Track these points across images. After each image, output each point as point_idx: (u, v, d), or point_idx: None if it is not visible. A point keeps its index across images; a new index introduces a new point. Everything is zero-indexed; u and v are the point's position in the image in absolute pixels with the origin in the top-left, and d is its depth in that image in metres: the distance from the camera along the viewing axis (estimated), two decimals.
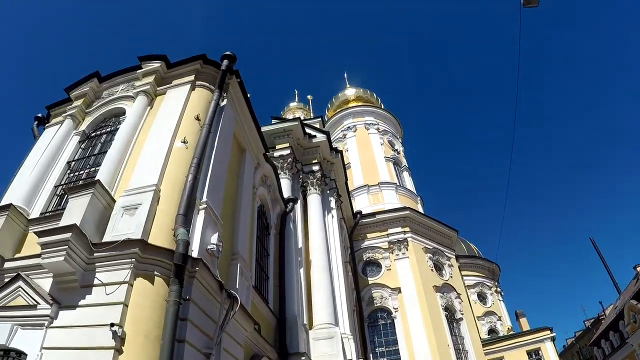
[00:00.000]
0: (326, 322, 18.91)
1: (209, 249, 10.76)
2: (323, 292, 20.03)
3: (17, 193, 12.55)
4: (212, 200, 11.79)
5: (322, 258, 21.42)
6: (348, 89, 57.04)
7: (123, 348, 8.03)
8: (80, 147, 14.21)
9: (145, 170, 11.36)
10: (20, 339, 8.89)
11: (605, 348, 56.91)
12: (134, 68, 15.07)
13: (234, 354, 11.02)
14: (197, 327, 9.43)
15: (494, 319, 46.22)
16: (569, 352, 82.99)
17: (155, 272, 9.29)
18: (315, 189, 24.67)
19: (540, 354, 37.94)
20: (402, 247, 34.76)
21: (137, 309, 8.63)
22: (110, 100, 15.05)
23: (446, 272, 36.13)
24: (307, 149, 26.36)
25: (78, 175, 13.21)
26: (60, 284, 9.20)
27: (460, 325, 33.58)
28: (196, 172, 11.40)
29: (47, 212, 12.06)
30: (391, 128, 50.60)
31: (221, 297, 10.45)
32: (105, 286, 8.85)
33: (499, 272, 52.07)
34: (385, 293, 32.74)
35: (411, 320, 30.84)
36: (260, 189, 17.66)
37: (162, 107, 13.65)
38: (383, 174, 43.06)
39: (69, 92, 15.76)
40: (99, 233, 10.00)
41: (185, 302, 9.13)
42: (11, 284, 9.68)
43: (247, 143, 16.51)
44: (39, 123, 16.31)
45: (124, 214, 10.24)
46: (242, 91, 15.55)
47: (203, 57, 14.60)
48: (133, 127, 13.15)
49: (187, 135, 12.38)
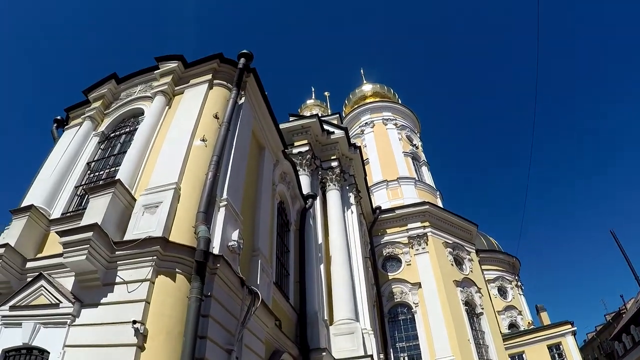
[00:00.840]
0: (347, 318, 18.93)
1: (229, 246, 10.80)
2: (343, 288, 20.05)
3: (38, 194, 12.65)
4: (232, 197, 11.84)
5: (342, 254, 21.44)
6: (365, 84, 56.79)
7: (145, 345, 8.10)
8: (100, 147, 14.30)
9: (165, 169, 11.41)
10: (43, 337, 9.00)
11: (626, 342, 56.44)
12: (151, 69, 15.13)
13: (256, 350, 11.09)
14: (218, 324, 9.48)
15: (514, 314, 45.94)
16: (590, 347, 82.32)
17: (177, 270, 9.33)
18: (334, 185, 24.68)
19: (561, 349, 37.58)
20: (421, 242, 34.70)
21: (159, 306, 8.68)
22: (128, 101, 15.11)
23: (466, 267, 36.03)
24: (325, 145, 26.36)
25: (98, 175, 13.29)
26: (82, 283, 9.31)
27: (481, 320, 33.45)
28: (216, 170, 11.44)
29: (68, 213, 12.14)
30: (409, 123, 50.40)
31: (242, 293, 10.49)
32: (127, 284, 8.92)
33: (519, 266, 51.76)
34: (406, 288, 32.71)
35: (431, 315, 30.77)
36: (280, 186, 17.70)
37: (181, 106, 13.71)
38: (402, 169, 42.93)
39: (87, 94, 15.87)
40: (120, 232, 10.08)
41: (206, 299, 9.18)
42: (33, 284, 9.79)
43: (266, 140, 16.55)
44: (58, 125, 16.41)
45: (145, 212, 10.30)
46: (259, 89, 15.57)
47: (220, 56, 14.63)
48: (152, 127, 13.19)
49: (206, 134, 12.42)
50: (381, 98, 53.16)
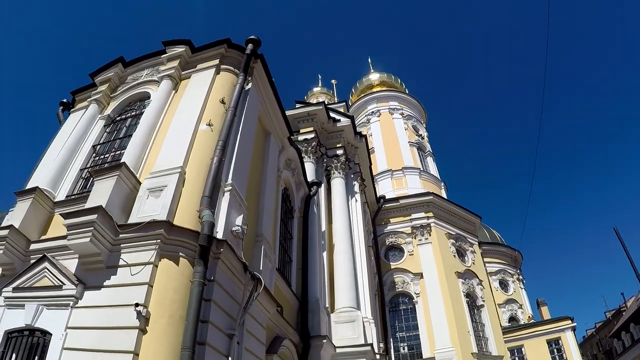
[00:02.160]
0: (348, 306, 18.96)
1: (233, 231, 10.79)
2: (345, 276, 20.08)
3: (43, 177, 12.70)
4: (237, 182, 11.82)
5: (345, 242, 21.46)
6: (372, 73, 56.63)
7: (147, 328, 8.14)
8: (106, 130, 14.31)
9: (170, 153, 11.40)
10: (46, 319, 9.05)
11: (625, 340, 56.47)
12: (158, 53, 15.08)
13: (257, 336, 11.13)
14: (220, 308, 9.51)
15: (515, 307, 45.96)
16: (589, 343, 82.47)
17: (180, 253, 9.35)
18: (339, 173, 24.64)
19: (560, 344, 37.57)
20: (425, 233, 34.77)
21: (162, 290, 8.71)
22: (135, 84, 15.10)
23: (468, 259, 36.14)
24: (331, 133, 26.25)
25: (103, 158, 13.30)
26: (86, 265, 9.35)
27: (481, 312, 33.66)
28: (221, 155, 11.41)
29: (73, 195, 12.19)
30: (415, 113, 50.31)
31: (245, 278, 10.52)
32: (131, 267, 8.96)
33: (521, 260, 51.71)
34: (407, 278, 32.85)
35: (432, 306, 30.95)
36: (285, 172, 17.70)
37: (187, 90, 13.68)
38: (407, 159, 42.91)
39: (93, 77, 15.85)
40: (125, 215, 10.11)
41: (209, 283, 9.20)
42: (37, 265, 9.85)
43: (272, 126, 16.52)
44: (64, 108, 16.45)
45: (150, 195, 10.32)
46: (266, 75, 15.51)
47: (227, 41, 14.58)
48: (158, 111, 13.18)
49: (212, 119, 12.39)
50: (388, 87, 52.93)
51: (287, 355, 14.10)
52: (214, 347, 8.91)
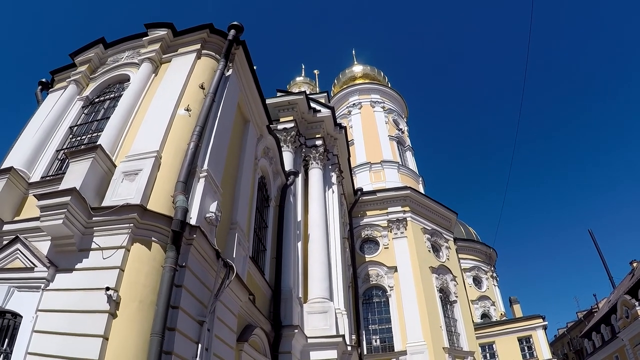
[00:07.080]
0: (321, 297, 19.03)
1: (207, 217, 10.79)
2: (319, 267, 20.11)
3: (19, 157, 12.57)
4: (213, 168, 11.81)
5: (320, 232, 21.48)
6: (355, 65, 56.50)
7: (117, 312, 8.12)
8: (84, 112, 14.20)
9: (147, 137, 11.35)
10: (17, 301, 8.96)
11: (595, 340, 57.58)
12: (139, 35, 15.02)
13: (228, 323, 11.13)
14: (192, 295, 9.50)
15: (487, 304, 46.52)
16: (560, 342, 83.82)
17: (153, 238, 9.33)
18: (317, 163, 24.63)
19: (531, 342, 38.08)
20: (400, 227, 34.86)
21: (133, 274, 8.69)
22: (115, 66, 15.00)
23: (443, 254, 36.35)
24: (311, 123, 26.19)
25: (80, 140, 13.19)
26: (58, 247, 9.27)
27: (454, 308, 33.89)
28: (198, 140, 11.40)
29: (48, 176, 12.08)
30: (397, 107, 50.30)
31: (217, 265, 10.50)
32: (103, 250, 8.91)
33: (495, 257, 52.30)
34: (382, 271, 32.96)
35: (405, 299, 31.10)
36: (262, 161, 17.67)
37: (167, 74, 13.62)
38: (386, 153, 42.92)
39: (73, 57, 15.70)
40: (99, 198, 10.06)
41: (181, 269, 9.22)
42: (9, 247, 9.75)
43: (251, 114, 16.49)
44: (43, 88, 16.27)
45: (124, 179, 10.27)
46: (248, 62, 15.49)
47: (210, 27, 14.54)
48: (137, 94, 13.12)
49: (190, 104, 12.37)
50: (371, 80, 52.85)
51: (258, 344, 14.12)
52: (183, 333, 8.90)
